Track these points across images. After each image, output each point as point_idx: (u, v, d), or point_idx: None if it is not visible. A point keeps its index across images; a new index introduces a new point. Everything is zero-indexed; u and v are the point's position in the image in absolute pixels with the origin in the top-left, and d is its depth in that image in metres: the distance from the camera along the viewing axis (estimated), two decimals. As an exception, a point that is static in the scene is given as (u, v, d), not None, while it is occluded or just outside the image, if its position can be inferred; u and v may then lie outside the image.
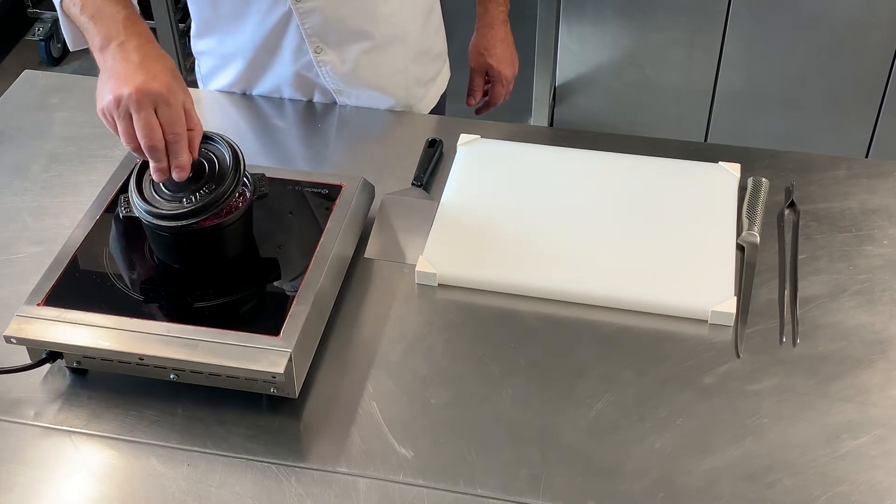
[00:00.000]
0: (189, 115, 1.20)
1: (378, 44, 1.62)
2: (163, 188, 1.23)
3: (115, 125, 1.19)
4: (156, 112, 1.17)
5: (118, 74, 1.18)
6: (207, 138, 1.27)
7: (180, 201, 1.22)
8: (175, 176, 1.19)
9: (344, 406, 1.20)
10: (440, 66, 1.77)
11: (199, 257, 1.28)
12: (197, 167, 1.23)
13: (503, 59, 1.81)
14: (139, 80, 1.16)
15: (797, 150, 1.58)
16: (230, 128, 1.64)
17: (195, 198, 1.22)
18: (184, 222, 1.21)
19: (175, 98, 1.18)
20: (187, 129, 1.19)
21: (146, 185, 1.24)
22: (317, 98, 1.69)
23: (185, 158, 1.19)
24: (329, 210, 1.35)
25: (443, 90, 1.79)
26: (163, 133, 1.17)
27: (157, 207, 1.22)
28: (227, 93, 1.75)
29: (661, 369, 1.24)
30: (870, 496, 1.11)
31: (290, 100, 1.73)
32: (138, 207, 1.23)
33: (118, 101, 1.16)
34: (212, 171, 1.25)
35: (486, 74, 1.84)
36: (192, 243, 1.26)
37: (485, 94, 1.87)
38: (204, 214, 1.22)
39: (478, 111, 1.89)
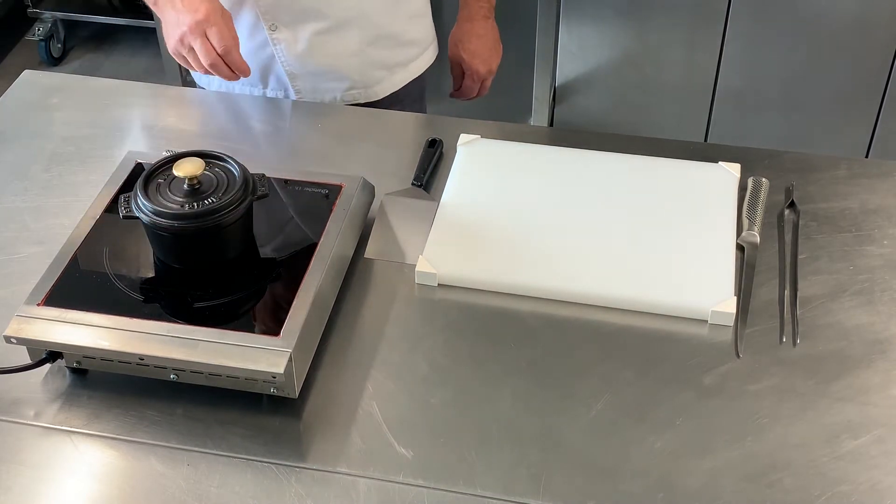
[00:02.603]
0: (232, 35, 1.47)
1: (332, 25, 1.65)
2: (169, 193, 1.24)
3: (186, 60, 1.49)
4: (207, 36, 1.45)
5: (172, 21, 1.48)
6: (218, 158, 1.29)
7: (184, 206, 1.23)
8: (242, 76, 1.50)
9: (344, 406, 1.20)
10: (414, 52, 1.77)
11: (200, 257, 1.28)
12: (205, 180, 1.26)
13: (476, 54, 1.81)
14: (187, 19, 1.45)
15: (797, 150, 1.58)
16: (230, 127, 1.64)
17: (199, 205, 1.24)
18: (186, 222, 1.22)
19: (215, 20, 1.45)
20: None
21: (152, 189, 1.25)
22: (271, 87, 1.72)
23: (239, 63, 1.48)
24: (329, 210, 1.35)
25: (415, 76, 1.79)
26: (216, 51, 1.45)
27: (161, 209, 1.23)
28: (227, 93, 1.75)
29: (661, 369, 1.24)
30: (870, 496, 1.11)
31: (290, 99, 1.73)
32: (143, 209, 1.23)
33: (182, 40, 1.46)
34: (220, 184, 1.26)
35: (460, 66, 1.85)
36: (193, 243, 1.26)
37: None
38: (207, 218, 1.23)
39: (451, 95, 1.91)
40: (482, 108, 2.11)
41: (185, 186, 1.25)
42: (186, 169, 1.24)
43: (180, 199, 1.24)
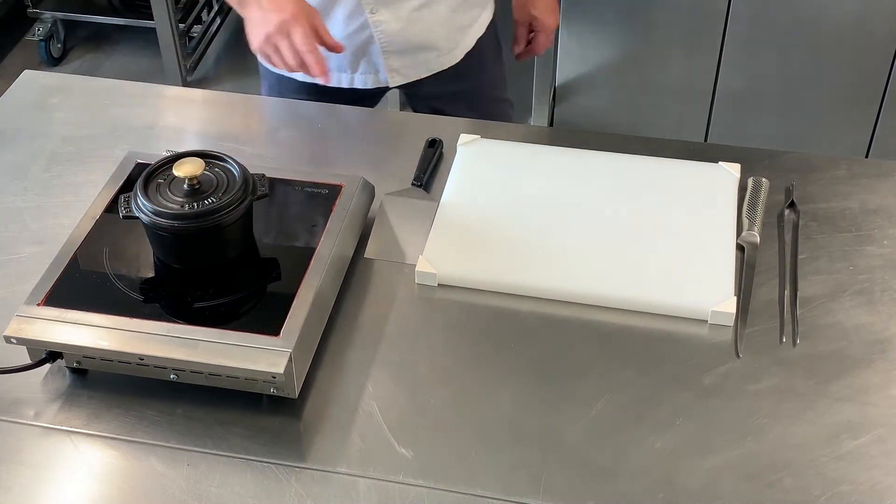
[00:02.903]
0: (317, 30, 1.49)
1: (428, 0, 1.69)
2: (169, 193, 1.24)
3: (271, 59, 1.51)
4: (291, 36, 1.46)
5: (257, 20, 1.49)
6: (218, 158, 1.29)
7: (184, 206, 1.24)
8: (324, 78, 1.51)
9: (344, 406, 1.20)
10: (480, 10, 1.81)
11: (200, 257, 1.27)
12: (205, 180, 1.26)
13: (546, 9, 1.87)
14: (273, 19, 1.46)
15: (797, 150, 1.58)
16: (230, 127, 1.64)
17: (199, 205, 1.24)
18: (186, 222, 1.22)
19: (299, 22, 1.46)
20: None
21: (152, 189, 1.25)
22: (361, 71, 1.74)
23: (319, 63, 1.48)
24: (329, 210, 1.35)
25: (479, 34, 1.81)
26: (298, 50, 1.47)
27: (161, 208, 1.23)
28: (227, 93, 1.75)
29: (660, 369, 1.24)
30: (870, 496, 1.11)
31: (290, 99, 1.73)
32: (143, 209, 1.23)
33: (268, 39, 1.48)
34: (220, 184, 1.27)
35: (530, 25, 1.90)
36: (193, 243, 1.26)
37: (528, 42, 1.93)
38: (207, 218, 1.23)
39: (518, 56, 1.95)
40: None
41: (185, 186, 1.25)
42: (186, 169, 1.24)
43: (180, 199, 1.24)
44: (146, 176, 1.26)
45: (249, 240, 1.31)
